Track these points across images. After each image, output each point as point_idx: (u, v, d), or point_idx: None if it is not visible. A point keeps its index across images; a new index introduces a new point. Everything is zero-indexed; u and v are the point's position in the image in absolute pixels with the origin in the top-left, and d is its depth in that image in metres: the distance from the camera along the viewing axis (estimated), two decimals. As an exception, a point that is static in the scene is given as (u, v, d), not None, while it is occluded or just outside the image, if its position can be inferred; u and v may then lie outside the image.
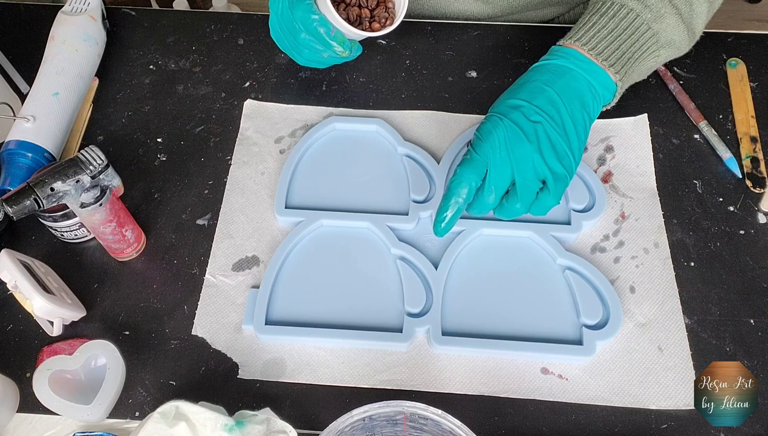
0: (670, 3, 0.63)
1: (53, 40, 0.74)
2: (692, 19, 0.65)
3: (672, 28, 0.63)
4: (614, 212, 0.68)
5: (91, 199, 0.58)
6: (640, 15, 0.62)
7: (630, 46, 0.62)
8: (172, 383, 0.59)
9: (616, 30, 0.62)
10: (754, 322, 0.61)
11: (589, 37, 0.62)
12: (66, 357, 0.58)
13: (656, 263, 0.64)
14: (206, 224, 0.68)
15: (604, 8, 0.63)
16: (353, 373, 0.60)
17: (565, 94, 0.60)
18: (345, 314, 0.62)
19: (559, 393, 0.58)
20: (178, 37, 0.82)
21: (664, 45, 0.64)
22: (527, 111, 0.59)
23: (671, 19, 0.63)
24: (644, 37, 0.63)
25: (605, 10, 0.63)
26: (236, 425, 0.52)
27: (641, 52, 0.63)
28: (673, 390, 0.58)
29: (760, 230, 0.66)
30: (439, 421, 0.47)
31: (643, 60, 0.64)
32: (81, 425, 0.57)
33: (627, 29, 0.62)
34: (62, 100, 0.71)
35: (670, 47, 0.65)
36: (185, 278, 0.65)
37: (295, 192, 0.69)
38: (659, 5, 0.62)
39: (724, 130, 0.73)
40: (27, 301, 0.57)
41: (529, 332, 0.61)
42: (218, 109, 0.76)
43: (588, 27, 0.63)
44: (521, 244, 0.66)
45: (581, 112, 0.60)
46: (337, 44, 0.67)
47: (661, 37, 0.63)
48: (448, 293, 0.63)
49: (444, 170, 0.69)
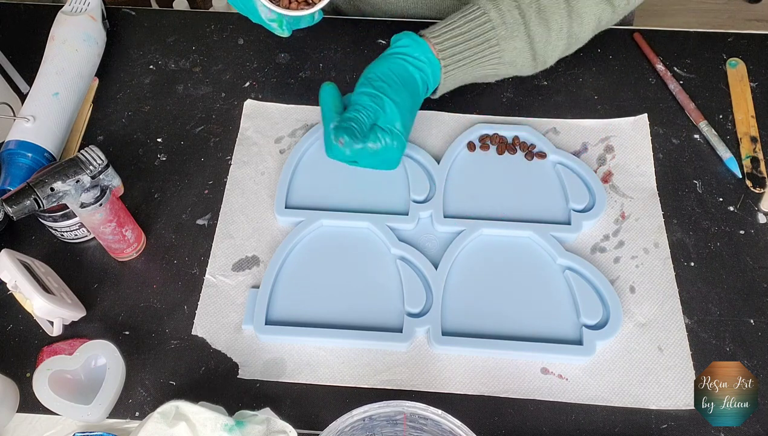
0: (525, 29, 0.66)
1: (53, 40, 0.74)
2: (546, 52, 0.68)
3: (518, 51, 0.67)
4: (614, 212, 0.68)
5: (91, 199, 0.58)
6: (495, 28, 0.66)
7: (470, 48, 0.66)
8: (172, 383, 0.59)
9: (468, 34, 0.66)
10: (754, 322, 0.61)
11: (443, 39, 0.66)
12: (66, 357, 0.58)
13: (656, 263, 0.64)
14: (206, 224, 0.68)
15: (469, 12, 0.67)
16: (353, 373, 0.60)
17: (405, 81, 0.65)
18: (345, 314, 0.62)
19: (559, 393, 0.58)
20: (178, 37, 0.82)
21: (506, 63, 0.68)
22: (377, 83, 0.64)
23: (520, 43, 0.67)
24: (490, 50, 0.67)
25: (468, 12, 0.67)
26: (236, 425, 0.52)
27: (480, 57, 0.67)
28: (673, 390, 0.58)
29: (760, 230, 0.66)
30: (439, 421, 0.47)
31: (480, 66, 0.68)
32: (81, 425, 0.57)
33: (478, 37, 0.66)
34: (62, 100, 0.71)
35: (511, 66, 0.69)
36: (185, 278, 0.65)
37: (295, 192, 0.69)
38: (514, 27, 0.66)
39: (724, 130, 0.73)
40: (27, 301, 0.57)
41: (529, 332, 0.61)
42: (218, 109, 0.76)
43: (448, 28, 0.66)
44: (521, 244, 0.66)
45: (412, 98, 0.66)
46: (273, 22, 0.68)
47: (505, 55, 0.67)
48: (448, 293, 0.63)
49: (444, 170, 0.69)
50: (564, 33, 0.67)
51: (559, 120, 0.74)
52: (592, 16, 0.68)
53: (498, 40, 0.66)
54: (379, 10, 0.86)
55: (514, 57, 0.67)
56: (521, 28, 0.66)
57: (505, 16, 0.65)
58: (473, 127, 0.72)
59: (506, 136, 0.72)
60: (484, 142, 0.71)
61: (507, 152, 0.71)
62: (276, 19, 0.67)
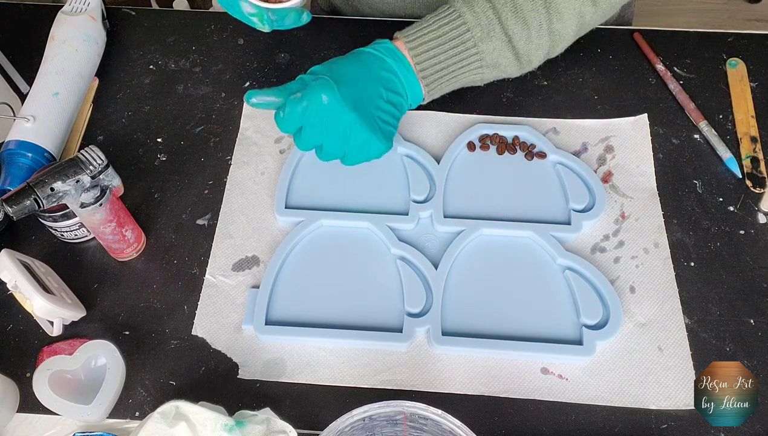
0: (501, 27, 0.65)
1: (53, 40, 0.74)
2: (529, 50, 0.67)
3: (498, 52, 0.66)
4: (614, 212, 0.68)
5: (91, 199, 0.58)
6: (471, 30, 0.65)
7: (450, 57, 0.65)
8: (172, 383, 0.59)
9: (443, 38, 0.65)
10: (754, 322, 0.61)
11: (418, 43, 0.65)
12: (66, 357, 0.58)
13: (656, 263, 0.64)
14: (206, 224, 0.68)
15: (444, 14, 0.66)
16: (353, 373, 0.60)
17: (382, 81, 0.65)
18: (345, 314, 0.62)
19: (559, 393, 0.58)
20: (178, 37, 0.82)
21: (489, 65, 0.67)
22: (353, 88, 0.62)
23: (497, 43, 0.65)
24: (468, 53, 0.66)
25: (443, 15, 0.66)
26: (236, 425, 0.52)
27: (461, 66, 0.66)
28: (673, 390, 0.58)
29: (760, 230, 0.66)
30: (439, 421, 0.47)
31: (463, 75, 0.67)
32: (81, 425, 0.57)
33: (454, 40, 0.65)
34: (62, 100, 0.71)
35: (495, 69, 0.68)
36: (185, 278, 0.65)
37: (295, 192, 0.69)
38: (490, 27, 0.65)
39: (724, 130, 0.73)
40: (27, 301, 0.57)
41: (529, 332, 0.61)
42: (218, 109, 0.76)
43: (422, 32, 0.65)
44: (521, 244, 0.66)
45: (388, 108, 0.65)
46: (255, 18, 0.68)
47: (486, 57, 0.66)
48: (448, 293, 0.63)
49: (444, 170, 0.69)
50: (545, 30, 0.66)
51: (559, 120, 0.74)
52: (572, 11, 0.66)
53: (475, 41, 0.65)
54: (377, 10, 0.86)
55: (496, 58, 0.66)
56: (497, 27, 0.65)
57: (479, 18, 0.64)
58: (473, 127, 0.72)
59: (506, 136, 0.72)
60: (484, 142, 0.71)
61: (507, 152, 0.71)
62: (256, 14, 0.67)
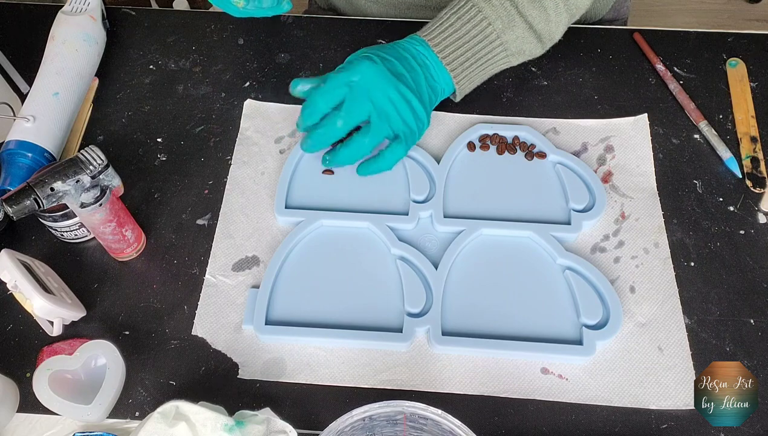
0: (520, 15, 0.66)
1: (53, 40, 0.74)
2: (550, 30, 0.68)
3: (521, 39, 0.67)
4: (614, 212, 0.68)
5: (91, 199, 0.58)
6: (492, 24, 0.65)
7: (476, 54, 0.67)
8: (172, 383, 0.59)
9: (467, 35, 0.66)
10: (754, 322, 0.61)
11: (440, 39, 0.67)
12: (66, 357, 0.58)
13: (656, 263, 0.64)
14: (206, 224, 0.68)
15: (462, 10, 0.66)
16: (353, 373, 0.60)
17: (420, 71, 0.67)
18: (345, 314, 0.62)
19: (559, 393, 0.58)
20: (178, 37, 0.82)
21: (514, 53, 0.68)
22: (394, 64, 0.65)
23: (519, 31, 0.66)
24: (493, 45, 0.67)
25: (463, 12, 0.66)
26: (236, 425, 0.52)
27: (488, 59, 0.68)
28: (673, 390, 0.58)
29: (760, 230, 0.66)
30: (439, 421, 0.47)
31: (492, 66, 0.69)
32: (81, 425, 0.57)
33: (477, 36, 0.66)
34: (62, 100, 0.71)
35: (520, 55, 0.69)
36: (185, 278, 0.65)
37: (295, 192, 0.69)
38: (509, 17, 0.66)
39: (724, 130, 0.73)
40: (27, 301, 0.57)
41: (529, 332, 0.61)
42: (218, 109, 0.76)
43: (441, 27, 0.67)
44: (521, 244, 0.66)
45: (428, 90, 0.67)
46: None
47: (510, 46, 0.67)
48: (448, 293, 0.63)
49: (444, 170, 0.69)
50: (562, 7, 0.67)
51: (559, 120, 0.74)
52: None
53: (498, 34, 0.66)
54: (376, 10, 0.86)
55: (520, 45, 0.67)
56: (516, 16, 0.65)
57: (498, 9, 0.65)
58: (473, 127, 0.72)
59: (506, 136, 0.72)
60: (484, 142, 0.71)
61: (507, 152, 0.71)
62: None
